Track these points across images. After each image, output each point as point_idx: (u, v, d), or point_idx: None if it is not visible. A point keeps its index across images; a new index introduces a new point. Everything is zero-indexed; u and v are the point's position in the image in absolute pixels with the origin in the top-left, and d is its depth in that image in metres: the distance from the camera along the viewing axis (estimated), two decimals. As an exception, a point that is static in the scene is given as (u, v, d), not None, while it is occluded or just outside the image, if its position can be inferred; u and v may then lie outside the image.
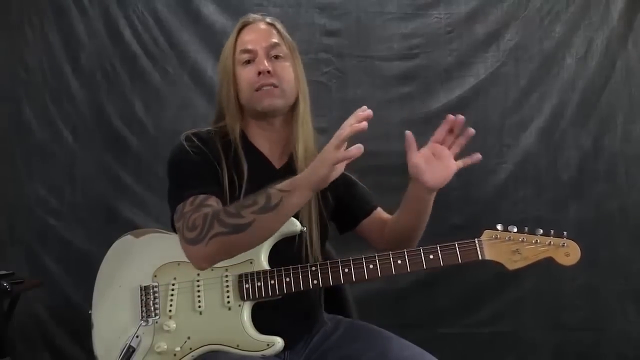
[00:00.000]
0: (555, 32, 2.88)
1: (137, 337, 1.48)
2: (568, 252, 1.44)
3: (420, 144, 2.90)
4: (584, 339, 2.82)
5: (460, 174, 2.89)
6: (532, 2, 2.88)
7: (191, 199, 1.43)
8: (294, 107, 1.60)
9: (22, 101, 2.79)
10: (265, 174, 1.56)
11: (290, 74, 1.58)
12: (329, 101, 2.82)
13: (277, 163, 1.62)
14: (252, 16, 1.63)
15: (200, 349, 1.44)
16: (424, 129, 2.85)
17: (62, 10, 2.80)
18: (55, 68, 2.80)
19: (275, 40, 1.58)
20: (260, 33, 1.59)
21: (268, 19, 1.63)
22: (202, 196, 1.43)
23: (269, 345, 1.43)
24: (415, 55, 2.89)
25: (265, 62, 1.54)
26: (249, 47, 1.56)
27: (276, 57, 1.57)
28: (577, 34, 2.88)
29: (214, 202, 1.43)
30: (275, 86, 1.54)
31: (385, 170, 2.84)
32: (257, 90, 1.54)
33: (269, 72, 1.53)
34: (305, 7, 2.87)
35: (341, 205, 1.70)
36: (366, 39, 2.89)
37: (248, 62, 1.57)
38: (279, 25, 1.62)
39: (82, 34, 2.81)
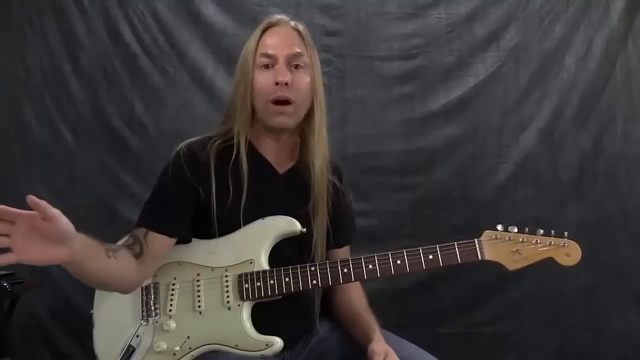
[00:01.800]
0: (555, 32, 2.88)
1: (137, 336, 1.48)
2: (569, 252, 1.44)
3: (420, 144, 2.92)
4: (584, 339, 2.82)
5: (460, 174, 2.92)
6: (532, 2, 2.88)
7: (133, 233, 1.49)
8: (307, 117, 1.57)
9: (22, 101, 2.79)
10: (268, 180, 1.57)
11: (307, 86, 1.53)
12: (329, 101, 2.77)
13: (281, 169, 1.60)
14: (277, 17, 1.58)
15: (200, 348, 1.45)
16: (424, 129, 2.90)
17: (62, 10, 2.80)
18: (55, 68, 2.80)
19: (298, 49, 1.53)
20: (284, 38, 1.54)
21: (292, 23, 1.58)
22: (144, 230, 1.48)
23: (267, 346, 1.43)
24: (415, 55, 2.89)
25: (285, 72, 1.50)
26: (270, 51, 1.52)
27: (296, 66, 1.52)
28: (577, 34, 2.87)
29: (141, 236, 1.47)
30: (290, 102, 1.50)
31: (385, 170, 2.85)
32: (272, 103, 1.50)
33: (286, 84, 1.49)
34: (305, 7, 2.86)
35: (335, 221, 1.65)
36: (366, 39, 2.89)
37: (267, 66, 1.52)
38: (303, 31, 1.57)
39: (82, 34, 2.80)
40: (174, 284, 1.49)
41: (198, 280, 1.48)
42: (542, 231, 1.45)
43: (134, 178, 2.79)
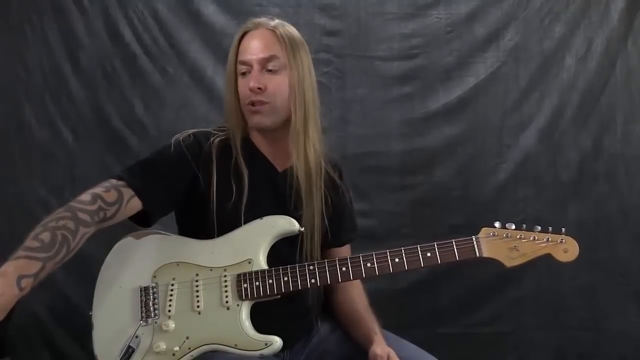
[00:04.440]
0: (555, 32, 2.87)
1: (136, 337, 1.48)
2: (566, 249, 1.45)
3: (420, 144, 2.91)
4: (584, 339, 2.82)
5: (460, 174, 2.92)
6: (532, 2, 2.87)
7: (120, 189, 1.44)
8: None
9: (22, 101, 2.79)
10: (267, 177, 1.58)
11: (284, 89, 1.54)
12: (329, 101, 2.81)
13: (280, 166, 1.61)
14: (253, 22, 1.59)
15: (199, 348, 1.45)
16: (424, 129, 2.90)
17: (62, 10, 2.79)
18: (55, 68, 2.80)
19: (271, 52, 1.53)
20: (258, 43, 1.55)
21: (271, 24, 1.57)
22: (121, 182, 1.45)
23: (267, 345, 1.43)
24: (415, 55, 2.88)
25: (257, 78, 1.51)
26: (245, 58, 1.54)
27: (271, 70, 1.53)
28: (577, 34, 2.87)
29: (126, 198, 1.43)
30: (265, 103, 1.52)
31: (385, 170, 2.85)
32: (248, 104, 1.53)
33: (260, 88, 1.51)
34: (305, 7, 2.86)
35: (334, 219, 1.66)
36: (366, 39, 2.88)
37: (244, 73, 1.55)
38: (282, 31, 1.56)
39: (82, 34, 2.80)
40: (172, 285, 1.49)
41: (197, 281, 1.48)
42: (539, 228, 1.46)
43: (134, 178, 2.79)
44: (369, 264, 1.46)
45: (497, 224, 1.47)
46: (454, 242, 1.46)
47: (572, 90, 2.87)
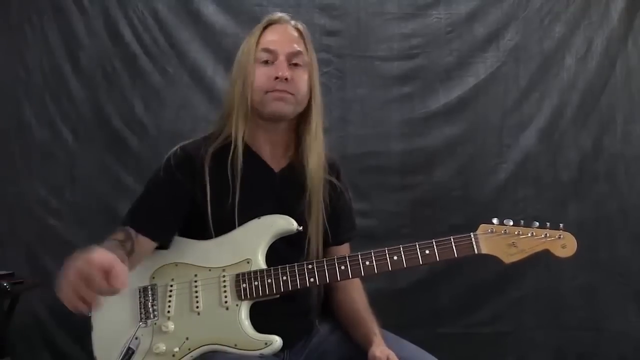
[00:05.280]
0: (555, 32, 2.88)
1: (136, 338, 1.47)
2: (565, 244, 1.44)
3: (420, 144, 2.92)
4: (584, 339, 2.82)
5: (460, 174, 2.92)
6: (532, 2, 2.88)
7: (125, 229, 1.47)
8: (303, 115, 1.57)
9: (22, 101, 2.80)
10: (263, 178, 1.56)
11: (305, 84, 1.54)
12: (329, 101, 2.81)
13: (276, 167, 1.60)
14: (279, 15, 1.59)
15: (199, 349, 1.44)
16: (424, 129, 2.90)
17: (62, 10, 2.80)
18: (55, 68, 2.81)
19: (299, 48, 1.54)
20: (285, 36, 1.55)
21: (293, 22, 1.59)
22: (132, 231, 1.46)
23: (266, 344, 1.42)
24: (415, 55, 2.89)
25: (285, 67, 1.50)
26: (271, 47, 1.52)
27: (296, 64, 1.53)
28: (577, 34, 2.87)
29: (133, 234, 1.45)
30: (290, 93, 1.51)
31: (385, 170, 2.85)
32: (271, 91, 1.51)
33: (286, 79, 1.50)
34: (305, 7, 2.87)
35: (332, 218, 1.65)
36: (366, 39, 2.89)
37: (266, 62, 1.53)
38: (303, 31, 1.58)
39: (82, 34, 2.81)
40: (171, 285, 1.49)
41: (196, 281, 1.48)
42: (537, 224, 1.45)
43: (134, 178, 2.79)
44: (367, 262, 1.45)
45: (495, 221, 1.46)
46: (452, 239, 1.45)
47: (572, 90, 2.87)
